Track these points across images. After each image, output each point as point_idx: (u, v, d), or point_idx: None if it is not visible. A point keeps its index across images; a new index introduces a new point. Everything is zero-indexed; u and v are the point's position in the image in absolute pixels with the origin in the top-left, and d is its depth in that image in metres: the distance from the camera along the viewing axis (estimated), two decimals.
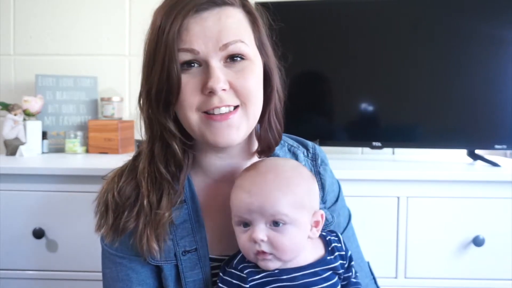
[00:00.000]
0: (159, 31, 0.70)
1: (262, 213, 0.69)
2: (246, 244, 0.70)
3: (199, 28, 0.69)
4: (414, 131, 1.52)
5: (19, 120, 1.57)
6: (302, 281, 0.70)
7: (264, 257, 0.69)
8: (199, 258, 0.76)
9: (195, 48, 0.69)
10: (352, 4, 1.51)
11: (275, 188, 0.70)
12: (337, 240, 0.77)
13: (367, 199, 1.27)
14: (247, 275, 0.70)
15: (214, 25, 0.70)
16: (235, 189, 0.73)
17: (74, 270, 1.28)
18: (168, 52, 0.68)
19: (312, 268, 0.71)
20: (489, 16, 1.44)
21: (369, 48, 1.50)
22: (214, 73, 0.69)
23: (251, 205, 0.69)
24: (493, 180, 1.26)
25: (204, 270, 0.76)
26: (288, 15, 1.55)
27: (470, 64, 1.46)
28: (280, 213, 0.68)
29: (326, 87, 1.56)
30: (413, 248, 1.27)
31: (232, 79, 0.70)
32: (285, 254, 0.69)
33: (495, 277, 1.27)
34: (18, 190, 1.29)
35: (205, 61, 0.70)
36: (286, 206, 0.69)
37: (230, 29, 0.70)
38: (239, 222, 0.71)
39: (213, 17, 0.70)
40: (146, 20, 0.74)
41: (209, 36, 0.69)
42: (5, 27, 1.80)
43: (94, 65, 1.79)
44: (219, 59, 0.70)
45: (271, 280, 0.70)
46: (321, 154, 0.88)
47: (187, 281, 0.76)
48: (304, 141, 0.90)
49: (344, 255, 0.76)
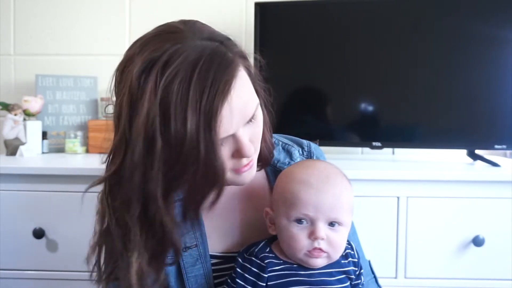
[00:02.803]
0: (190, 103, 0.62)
1: (329, 214, 0.70)
2: (302, 240, 0.70)
3: (229, 113, 0.64)
4: (414, 131, 1.52)
5: (19, 120, 1.57)
6: (318, 278, 0.71)
7: (319, 255, 0.71)
8: (200, 254, 0.77)
9: (230, 134, 0.66)
10: (353, 4, 1.51)
11: (342, 191, 0.73)
12: (350, 247, 0.79)
13: (367, 199, 1.27)
14: (267, 265, 0.72)
15: (241, 103, 0.65)
16: (299, 184, 0.72)
17: (74, 270, 1.28)
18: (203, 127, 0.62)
19: (328, 269, 0.73)
20: (489, 16, 1.44)
21: (369, 48, 1.50)
22: (244, 143, 0.67)
23: (322, 204, 0.70)
24: (493, 180, 1.26)
25: (205, 266, 0.77)
26: (288, 14, 1.55)
27: (470, 64, 1.46)
28: (343, 215, 0.71)
29: (326, 87, 1.56)
30: (413, 248, 1.27)
31: (251, 137, 0.70)
32: (337, 253, 0.72)
33: (495, 277, 1.27)
34: (18, 190, 1.29)
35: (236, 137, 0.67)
36: (347, 209, 0.72)
37: (250, 104, 0.67)
38: (297, 218, 0.71)
39: (239, 94, 0.65)
40: (146, 20, 0.74)
41: (238, 115, 0.65)
42: (5, 27, 1.80)
43: (94, 65, 1.79)
44: (247, 132, 0.69)
45: (290, 273, 0.71)
46: (316, 151, 0.88)
47: (189, 276, 0.76)
48: (298, 139, 0.90)
49: (356, 262, 0.77)
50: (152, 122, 0.60)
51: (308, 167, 0.76)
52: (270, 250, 0.74)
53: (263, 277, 0.71)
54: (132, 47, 0.66)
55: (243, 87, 0.66)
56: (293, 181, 0.73)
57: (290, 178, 0.74)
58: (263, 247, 0.74)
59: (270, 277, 0.71)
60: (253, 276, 0.71)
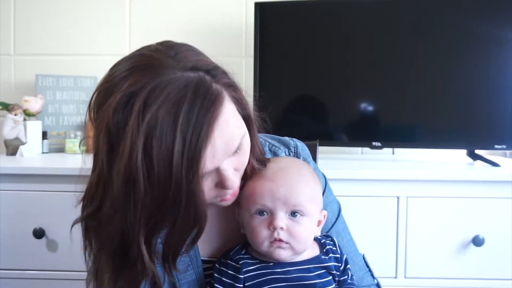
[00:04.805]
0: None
1: (285, 202, 0.71)
2: (262, 232, 0.71)
3: (221, 142, 0.63)
4: (414, 131, 1.52)
5: (19, 120, 1.57)
6: (295, 275, 0.71)
7: (280, 245, 0.70)
8: (191, 260, 0.76)
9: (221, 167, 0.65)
10: (352, 4, 1.51)
11: (298, 180, 0.73)
12: (332, 243, 0.79)
13: (367, 199, 1.27)
14: (241, 266, 0.72)
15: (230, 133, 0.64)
16: (257, 178, 0.74)
17: (74, 270, 1.28)
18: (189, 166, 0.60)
19: (306, 265, 0.73)
20: (489, 16, 1.45)
21: (369, 48, 1.51)
22: (228, 177, 0.66)
23: (276, 192, 0.71)
24: (493, 180, 1.26)
25: (197, 271, 0.76)
26: (288, 14, 1.55)
27: (470, 64, 1.46)
28: (301, 203, 0.71)
29: (326, 87, 1.56)
30: (413, 248, 1.27)
31: (237, 166, 0.68)
32: (300, 244, 0.71)
33: (494, 277, 1.27)
34: (18, 190, 1.29)
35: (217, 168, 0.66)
36: (306, 198, 0.72)
37: (237, 136, 0.65)
38: (257, 210, 0.72)
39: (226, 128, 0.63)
40: (146, 20, 0.73)
41: (228, 147, 0.64)
42: (5, 27, 1.80)
43: (94, 65, 1.79)
44: (232, 165, 0.67)
45: (265, 272, 0.72)
46: (303, 152, 0.87)
47: (181, 283, 0.75)
48: (285, 140, 0.88)
49: (339, 258, 0.77)
50: (135, 166, 0.57)
51: (269, 163, 0.77)
52: (245, 252, 0.74)
53: (239, 278, 0.71)
54: (110, 75, 0.62)
55: (228, 124, 0.63)
56: (253, 178, 0.74)
57: (252, 176, 0.75)
58: (239, 249, 0.75)
59: (246, 277, 0.71)
60: (229, 279, 0.72)
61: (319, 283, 0.71)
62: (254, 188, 0.73)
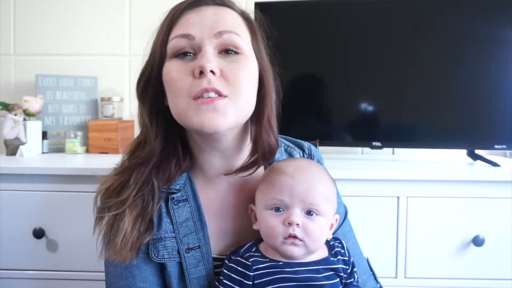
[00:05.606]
0: (161, 24, 0.75)
1: (303, 199, 0.71)
2: (277, 227, 0.71)
3: (196, 17, 0.72)
4: (414, 131, 1.52)
5: (19, 120, 1.57)
6: (304, 275, 0.72)
7: (294, 242, 0.71)
8: (202, 256, 0.77)
9: (191, 33, 0.71)
10: (352, 4, 1.51)
11: (318, 179, 0.74)
12: (340, 246, 0.79)
13: (367, 199, 1.27)
14: (252, 263, 0.72)
15: (212, 16, 0.73)
16: (275, 172, 0.75)
17: (74, 270, 1.28)
18: (161, 37, 0.73)
19: (315, 266, 0.73)
20: (489, 15, 1.44)
21: (369, 48, 1.50)
22: (205, 54, 0.70)
23: (295, 189, 0.72)
24: (493, 180, 1.26)
25: (207, 267, 0.77)
26: (287, 15, 1.55)
27: (470, 64, 1.46)
28: (318, 203, 0.72)
29: (325, 88, 1.56)
30: (413, 248, 1.27)
31: (224, 67, 0.71)
32: (313, 242, 0.72)
33: (495, 277, 1.27)
34: (18, 190, 1.29)
35: (199, 47, 0.71)
36: (323, 198, 0.73)
37: (227, 21, 0.73)
38: (273, 205, 0.73)
39: (212, 11, 0.73)
40: (146, 20, 0.76)
41: (205, 23, 0.72)
42: (5, 27, 1.80)
43: (94, 65, 1.79)
44: (213, 46, 0.72)
45: (275, 271, 0.72)
46: (316, 154, 0.90)
47: (191, 278, 0.76)
48: (300, 142, 0.91)
49: (347, 261, 0.78)
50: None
51: (287, 161, 0.79)
52: (256, 250, 0.75)
53: (249, 276, 0.72)
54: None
55: (225, 13, 0.75)
56: (271, 172, 0.76)
57: (268, 171, 0.77)
58: (249, 247, 0.76)
59: (256, 275, 0.72)
60: (239, 276, 0.72)
61: (327, 284, 0.72)
62: (273, 181, 0.74)
